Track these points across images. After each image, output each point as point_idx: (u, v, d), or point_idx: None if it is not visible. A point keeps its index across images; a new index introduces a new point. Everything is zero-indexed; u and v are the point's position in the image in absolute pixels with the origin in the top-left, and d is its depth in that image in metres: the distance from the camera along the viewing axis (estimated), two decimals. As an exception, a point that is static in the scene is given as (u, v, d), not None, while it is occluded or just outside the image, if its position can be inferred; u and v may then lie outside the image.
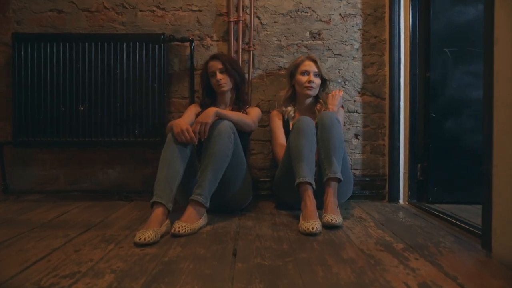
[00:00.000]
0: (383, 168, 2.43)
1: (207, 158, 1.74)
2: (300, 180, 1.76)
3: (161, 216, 1.60)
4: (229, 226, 1.75)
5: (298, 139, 1.84)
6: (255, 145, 2.42)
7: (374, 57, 2.41)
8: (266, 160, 2.43)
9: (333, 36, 2.40)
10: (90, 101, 2.25)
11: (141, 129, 2.26)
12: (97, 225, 1.76)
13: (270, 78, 2.41)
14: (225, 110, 2.10)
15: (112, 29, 2.37)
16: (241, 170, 1.93)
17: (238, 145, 1.87)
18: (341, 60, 2.41)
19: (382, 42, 2.40)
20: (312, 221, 1.62)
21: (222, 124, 1.78)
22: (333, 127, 1.88)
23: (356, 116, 2.43)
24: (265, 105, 2.41)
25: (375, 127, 2.43)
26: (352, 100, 2.42)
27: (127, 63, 2.25)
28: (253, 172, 2.41)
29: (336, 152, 1.85)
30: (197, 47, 2.38)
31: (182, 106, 2.40)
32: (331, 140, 1.86)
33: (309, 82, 2.13)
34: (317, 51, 2.40)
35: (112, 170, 2.41)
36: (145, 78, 2.26)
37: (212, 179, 1.72)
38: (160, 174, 1.70)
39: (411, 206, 2.21)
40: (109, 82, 2.25)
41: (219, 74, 2.10)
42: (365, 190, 2.41)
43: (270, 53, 2.40)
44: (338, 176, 1.81)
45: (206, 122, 1.75)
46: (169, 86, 2.38)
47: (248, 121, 1.94)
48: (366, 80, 2.42)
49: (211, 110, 1.79)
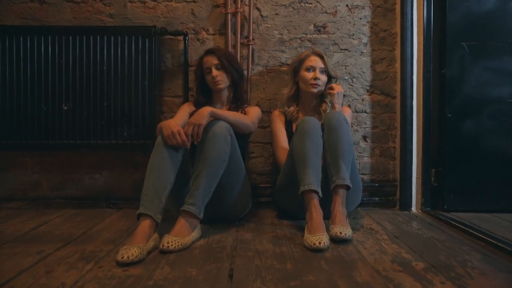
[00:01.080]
0: (393, 173, 2.26)
1: (200, 164, 1.57)
2: (305, 188, 1.59)
3: (148, 230, 1.42)
4: (226, 239, 1.58)
5: (302, 142, 1.67)
6: (254, 148, 2.25)
7: (384, 52, 2.24)
8: (267, 164, 2.25)
9: (340, 29, 2.23)
10: (75, 100, 2.08)
11: (130, 131, 2.09)
12: (78, 239, 1.58)
13: (271, 75, 2.23)
14: (221, 109, 1.93)
15: (99, 22, 2.19)
16: (239, 176, 1.76)
17: (236, 149, 1.70)
18: (348, 55, 2.24)
19: (392, 35, 2.23)
20: (319, 235, 1.45)
21: (217, 125, 1.61)
22: (341, 129, 1.71)
23: (364, 117, 2.26)
24: (266, 105, 2.24)
25: (385, 128, 2.26)
26: (360, 99, 2.25)
27: (115, 58, 2.07)
28: (253, 178, 2.24)
29: (345, 156, 1.69)
30: (192, 41, 2.21)
31: (175, 105, 2.23)
32: (339, 143, 1.69)
33: (315, 79, 1.95)
34: (322, 45, 2.23)
35: (99, 175, 2.23)
36: (135, 75, 2.08)
37: (206, 187, 1.55)
38: (148, 182, 1.53)
39: (425, 215, 2.03)
40: (95, 79, 2.08)
41: (215, 71, 1.93)
42: (374, 196, 2.23)
43: (271, 47, 2.22)
44: (347, 183, 1.64)
45: (199, 123, 1.58)
46: (161, 84, 2.21)
47: (247, 122, 1.76)
48: (375, 77, 2.24)
49: (205, 109, 1.62)
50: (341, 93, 1.97)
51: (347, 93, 2.24)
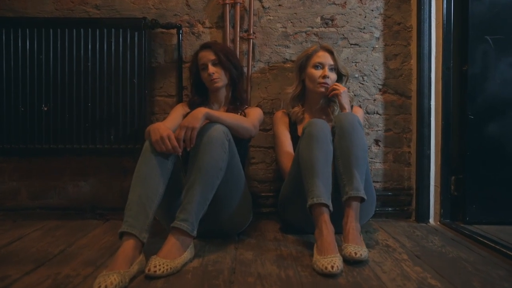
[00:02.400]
0: (408, 181, 2.07)
1: (194, 173, 1.38)
2: (314, 201, 1.40)
3: (131, 252, 1.23)
4: (223, 259, 1.39)
5: (310, 148, 1.48)
6: (255, 153, 2.06)
7: (398, 47, 2.05)
8: (269, 171, 2.06)
9: (349, 22, 2.04)
10: (56, 100, 1.89)
11: (118, 134, 1.90)
12: (54, 259, 1.39)
13: (274, 72, 2.04)
14: (218, 111, 1.74)
15: (83, 13, 2.00)
16: (238, 187, 1.57)
17: (234, 155, 1.51)
18: (358, 51, 2.05)
19: (407, 29, 2.04)
20: (330, 257, 1.26)
21: (213, 129, 1.42)
22: (354, 132, 1.52)
23: (376, 118, 2.07)
24: (268, 105, 2.05)
25: (399, 131, 2.07)
26: (372, 99, 2.06)
27: (101, 54, 1.89)
28: (253, 186, 2.05)
29: (359, 164, 1.50)
30: (186, 35, 2.02)
31: (168, 105, 2.04)
32: (352, 149, 1.50)
33: (324, 77, 1.76)
34: (329, 40, 2.04)
35: (84, 183, 2.04)
36: (123, 72, 1.89)
37: (200, 200, 1.36)
38: (133, 195, 1.34)
39: (446, 228, 1.84)
40: (78, 77, 1.89)
41: (211, 67, 1.74)
42: (387, 206, 2.04)
43: (273, 42, 2.04)
44: (361, 195, 1.46)
45: (192, 126, 1.39)
46: (152, 82, 2.02)
47: (247, 125, 1.57)
48: (388, 75, 2.06)
49: (199, 111, 1.43)
50: (346, 92, 1.78)
51: (357, 93, 2.06)
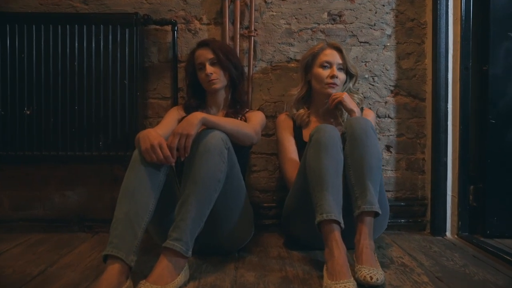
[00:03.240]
0: (422, 190, 1.93)
1: (189, 186, 1.24)
2: (323, 217, 1.25)
3: (116, 278, 1.09)
4: (221, 282, 1.24)
5: (318, 158, 1.34)
6: (256, 160, 1.92)
7: (411, 45, 1.91)
8: (271, 179, 1.92)
9: (359, 18, 1.90)
10: (40, 103, 1.74)
11: (107, 140, 1.75)
12: (31, 282, 1.25)
13: (277, 72, 1.90)
14: (216, 115, 1.61)
15: (70, 8, 1.86)
16: (238, 200, 1.43)
17: (234, 165, 1.37)
18: (368, 49, 1.91)
19: (421, 26, 1.90)
20: (343, 282, 1.12)
21: (211, 136, 1.28)
22: (367, 140, 1.38)
23: (387, 123, 1.93)
24: (270, 108, 1.91)
25: (412, 136, 1.93)
26: (383, 102, 1.92)
27: (89, 52, 1.74)
28: (254, 195, 1.91)
29: (373, 175, 1.36)
30: (182, 32, 1.88)
31: (163, 108, 1.90)
32: (366, 158, 1.36)
33: (332, 77, 1.62)
34: (337, 37, 1.90)
35: (71, 192, 1.90)
36: (113, 73, 1.75)
37: (196, 217, 1.22)
38: (119, 212, 1.20)
39: (465, 242, 1.70)
40: (64, 77, 1.74)
41: (209, 67, 1.60)
42: (400, 218, 1.90)
43: (276, 40, 1.89)
44: (376, 210, 1.32)
45: (187, 133, 1.24)
46: (145, 83, 1.88)
47: (248, 131, 1.43)
48: (400, 75, 1.92)
49: (195, 116, 1.28)
50: (348, 96, 1.63)
51: (367, 95, 1.92)
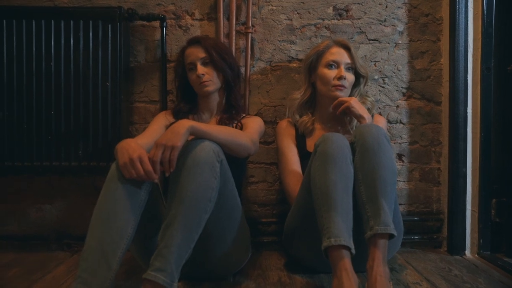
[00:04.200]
0: (437, 203, 1.76)
1: (174, 207, 1.07)
2: (331, 242, 1.09)
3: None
4: (212, 320, 1.07)
5: (325, 172, 1.17)
6: (254, 170, 1.75)
7: (425, 43, 1.74)
8: (271, 191, 1.75)
9: (367, 13, 1.73)
10: (11, 108, 1.57)
11: (88, 149, 1.59)
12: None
13: (277, 73, 1.74)
14: (208, 122, 1.44)
15: (48, 2, 1.69)
16: (233, 220, 1.26)
17: (228, 180, 1.20)
18: (378, 47, 1.74)
19: (437, 21, 1.74)
20: (356, 322, 0.95)
21: (200, 147, 1.11)
22: (381, 151, 1.22)
23: (399, 129, 1.76)
24: (270, 113, 1.74)
25: (426, 143, 1.76)
26: (394, 106, 1.76)
27: (67, 51, 1.57)
28: (252, 209, 1.74)
29: (387, 191, 1.20)
30: (171, 29, 1.72)
31: (150, 113, 1.73)
32: (379, 172, 1.20)
33: (339, 79, 1.45)
34: (344, 34, 1.74)
35: (50, 206, 1.73)
36: (94, 73, 1.58)
37: (182, 243, 1.05)
38: (92, 239, 1.03)
39: (489, 264, 1.53)
40: (39, 79, 1.57)
41: (201, 67, 1.44)
42: (413, 234, 1.73)
43: (276, 37, 1.73)
44: (391, 231, 1.16)
45: (172, 145, 1.07)
46: (131, 85, 1.72)
47: (244, 141, 1.26)
48: (413, 76, 1.75)
49: (181, 124, 1.11)
50: (357, 100, 1.46)
51: (377, 98, 1.75)
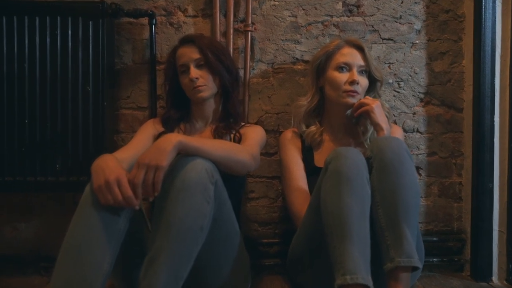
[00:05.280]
0: (458, 221, 1.61)
1: (160, 238, 0.91)
2: (347, 280, 0.93)
3: None
4: None
5: (338, 195, 1.01)
6: (255, 185, 1.59)
7: (445, 43, 1.59)
8: (273, 208, 1.59)
9: (381, 9, 1.58)
10: (-20, 115, 1.42)
11: (66, 162, 1.42)
12: None
13: (280, 76, 1.58)
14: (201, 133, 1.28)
15: (22, -3, 1.54)
16: (229, 248, 1.10)
17: (224, 203, 1.04)
18: (393, 48, 1.59)
19: (459, 18, 1.58)
20: None
21: (191, 166, 0.95)
22: (402, 168, 1.06)
23: (416, 138, 1.61)
24: (272, 121, 1.58)
25: (446, 155, 1.61)
26: (411, 113, 1.60)
27: (42, 51, 1.41)
28: (252, 229, 1.58)
29: (409, 216, 1.05)
30: (162, 27, 1.56)
31: (138, 121, 1.57)
32: (401, 194, 1.04)
33: (352, 83, 1.29)
34: (354, 33, 1.58)
35: (25, 225, 1.57)
36: (73, 77, 1.42)
37: (169, 280, 0.90)
38: (58, 278, 0.87)
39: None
40: (11, 83, 1.41)
41: (195, 70, 1.28)
42: (432, 256, 1.57)
43: (279, 36, 1.57)
44: (415, 264, 1.01)
45: (156, 164, 0.91)
46: (116, 90, 1.56)
47: (243, 157, 1.09)
48: (432, 80, 1.60)
49: (168, 139, 0.95)
50: (380, 106, 1.31)
51: (391, 104, 1.59)
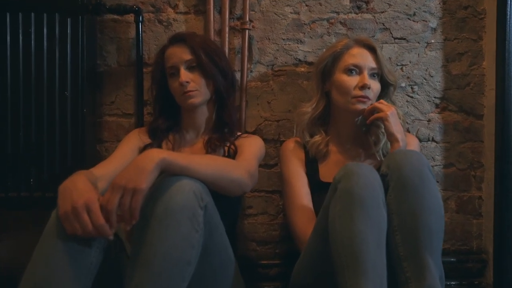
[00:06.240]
0: (478, 239, 1.48)
1: (139, 273, 0.78)
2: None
3: None
4: None
5: (350, 220, 0.87)
6: (253, 200, 1.45)
7: (464, 42, 1.46)
8: (273, 226, 1.45)
9: (392, 5, 1.45)
10: None
11: (41, 176, 1.29)
12: None
13: (281, 79, 1.44)
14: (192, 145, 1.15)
15: (-6, -8, 1.41)
16: (222, 280, 0.95)
17: (215, 229, 0.91)
18: (405, 48, 1.45)
19: (479, 15, 1.45)
20: None
21: (176, 188, 0.81)
22: (424, 188, 0.94)
23: (431, 148, 1.47)
24: (272, 129, 1.44)
25: (464, 166, 1.47)
26: (425, 120, 1.47)
27: (14, 51, 1.28)
28: (250, 248, 1.44)
29: (433, 244, 0.93)
30: (150, 24, 1.43)
31: (124, 129, 1.44)
32: (423, 218, 0.93)
33: (362, 88, 1.14)
34: (363, 31, 1.45)
35: (-2, 244, 1.44)
36: (49, 81, 1.29)
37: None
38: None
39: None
40: (-21, 87, 1.29)
41: (185, 73, 1.14)
42: (449, 278, 1.43)
43: (280, 35, 1.44)
44: (439, 299, 0.86)
45: (134, 187, 0.77)
46: (99, 95, 1.43)
47: (238, 175, 0.95)
48: (449, 83, 1.47)
49: (149, 156, 0.81)
50: (395, 113, 1.17)
51: (404, 110, 1.46)
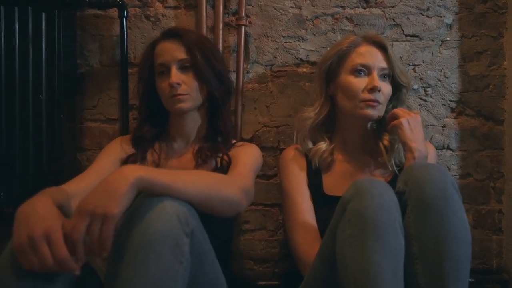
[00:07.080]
0: (498, 257, 1.36)
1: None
2: None
3: None
4: None
5: (362, 249, 0.75)
6: (249, 214, 1.34)
7: (483, 40, 1.34)
8: (272, 243, 1.33)
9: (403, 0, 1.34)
10: None
11: (13, 190, 1.17)
12: None
13: (281, 81, 1.33)
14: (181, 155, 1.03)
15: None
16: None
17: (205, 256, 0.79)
18: (418, 46, 1.34)
19: (499, 10, 1.34)
20: None
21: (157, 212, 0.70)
22: (449, 209, 0.83)
23: (447, 157, 1.36)
24: (270, 136, 1.33)
25: (483, 177, 1.36)
26: (440, 125, 1.35)
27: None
28: (247, 267, 1.33)
29: (460, 274, 0.85)
30: (136, 20, 1.32)
31: (107, 136, 1.32)
32: (448, 243, 0.83)
33: (371, 91, 1.02)
34: (371, 28, 1.34)
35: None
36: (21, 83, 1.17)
37: None
38: None
39: None
40: None
41: (177, 73, 1.02)
42: (466, 300, 1.32)
43: (279, 32, 1.33)
44: None
45: (104, 213, 0.65)
46: (80, 98, 1.32)
47: (230, 193, 0.82)
48: (466, 85, 1.35)
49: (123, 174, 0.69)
50: (418, 120, 1.04)
51: (417, 114, 1.35)
